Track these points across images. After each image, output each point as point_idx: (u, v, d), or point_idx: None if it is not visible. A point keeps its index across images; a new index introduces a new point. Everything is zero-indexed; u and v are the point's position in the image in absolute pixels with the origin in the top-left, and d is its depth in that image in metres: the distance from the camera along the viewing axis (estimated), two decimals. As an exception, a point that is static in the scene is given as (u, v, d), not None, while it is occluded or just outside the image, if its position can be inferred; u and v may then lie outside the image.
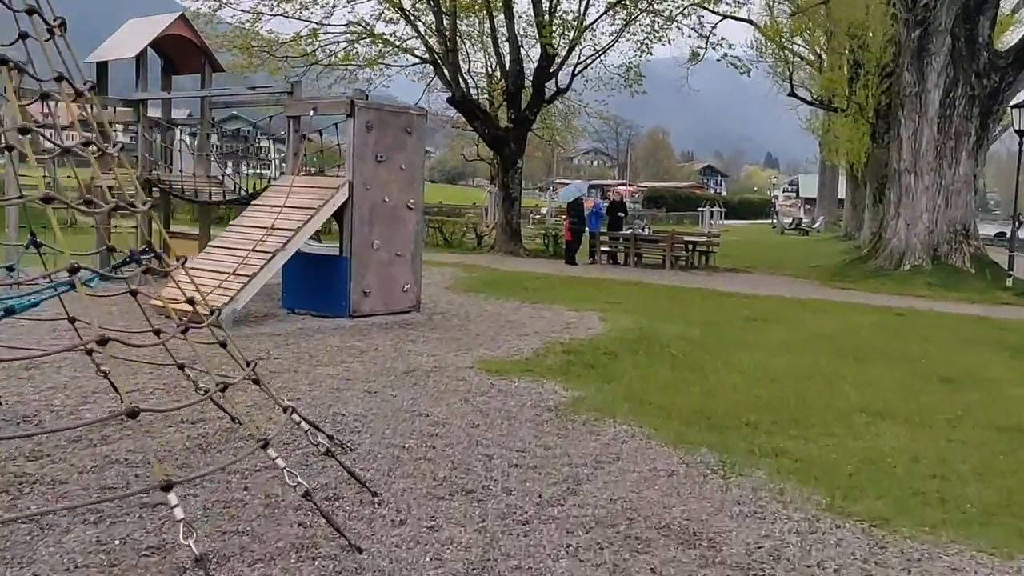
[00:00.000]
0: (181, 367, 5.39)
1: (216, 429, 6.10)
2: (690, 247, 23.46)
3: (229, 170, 17.21)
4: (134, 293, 5.12)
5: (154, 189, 13.60)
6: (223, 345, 5.14)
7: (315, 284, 11.63)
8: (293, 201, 11.09)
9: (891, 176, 23.04)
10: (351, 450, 5.70)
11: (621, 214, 24.37)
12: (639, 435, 6.48)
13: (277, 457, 4.32)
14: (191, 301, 5.11)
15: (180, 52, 14.67)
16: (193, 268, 10.61)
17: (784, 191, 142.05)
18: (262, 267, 10.31)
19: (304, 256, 11.83)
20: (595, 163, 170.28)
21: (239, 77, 23.73)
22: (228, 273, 10.36)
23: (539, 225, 34.64)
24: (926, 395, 8.62)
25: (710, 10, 29.18)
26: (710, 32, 29.46)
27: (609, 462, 5.79)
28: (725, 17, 30.41)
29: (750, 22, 32.62)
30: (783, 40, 36.22)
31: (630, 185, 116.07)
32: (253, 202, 11.91)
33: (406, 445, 5.88)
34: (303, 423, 4.82)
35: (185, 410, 6.15)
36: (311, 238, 13.97)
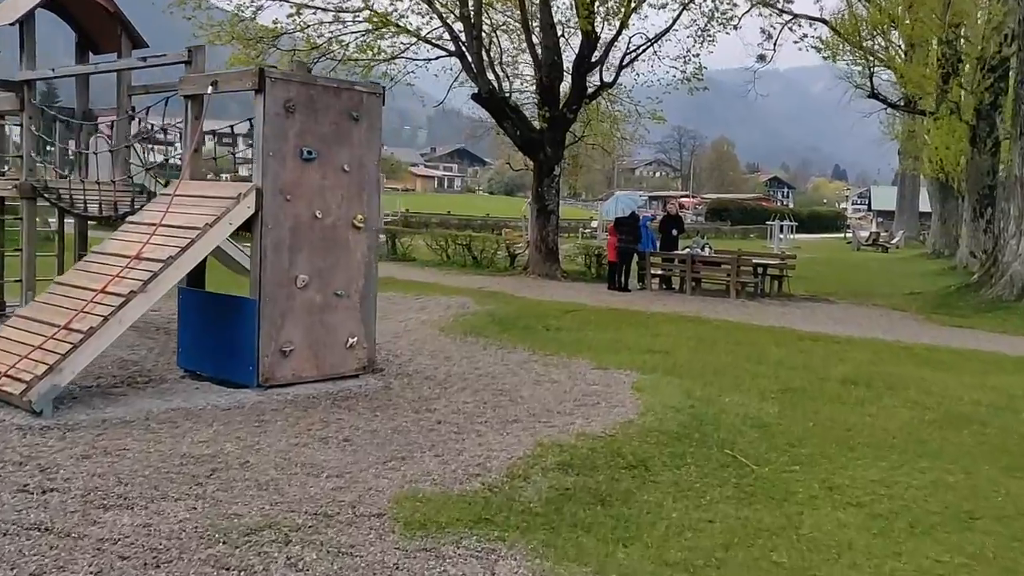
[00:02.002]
0: None
1: None
2: (759, 271, 19.45)
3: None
4: None
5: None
6: None
7: (216, 337, 8.05)
8: (173, 218, 7.52)
9: (1009, 186, 18.88)
10: None
11: (675, 231, 20.42)
12: None
13: None
14: None
15: (97, 23, 11.29)
16: (21, 316, 7.15)
17: (853, 204, 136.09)
18: (107, 319, 6.74)
19: (202, 296, 8.30)
20: (658, 174, 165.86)
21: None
22: (59, 327, 6.82)
23: (585, 241, 30.81)
24: None
25: (779, 9, 25.46)
26: (782, 27, 25.79)
27: None
28: (795, 16, 26.61)
29: (824, 21, 28.58)
30: (862, 37, 32.16)
31: (692, 196, 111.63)
32: (128, 219, 8.39)
33: None
34: None
35: None
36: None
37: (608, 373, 9.53)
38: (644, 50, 21.93)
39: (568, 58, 21.81)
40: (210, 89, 7.85)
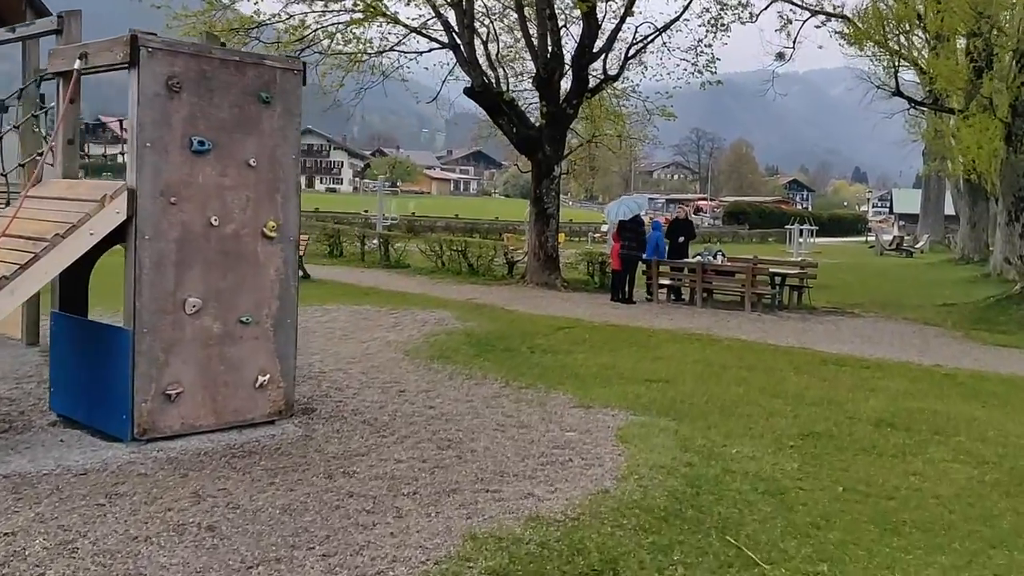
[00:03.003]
0: None
1: None
2: (777, 281, 17.69)
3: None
4: None
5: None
6: None
7: (89, 375, 6.42)
8: (22, 226, 5.89)
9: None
10: None
11: (683, 238, 18.65)
12: None
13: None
14: None
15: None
16: None
17: (874, 207, 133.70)
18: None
19: (73, 322, 6.67)
20: (676, 177, 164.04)
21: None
22: None
23: (590, 246, 29.10)
24: None
25: (798, 4, 23.76)
26: (802, 24, 24.12)
27: None
28: (815, 13, 24.89)
29: (845, 18, 26.79)
30: (887, 33, 30.39)
31: (710, 200, 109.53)
32: (-21, 226, 6.76)
33: None
34: None
35: None
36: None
37: (591, 414, 7.83)
38: (652, 40, 20.20)
39: (570, 50, 20.13)
40: (78, 63, 6.22)
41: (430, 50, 21.62)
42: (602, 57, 19.48)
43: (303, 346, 10.79)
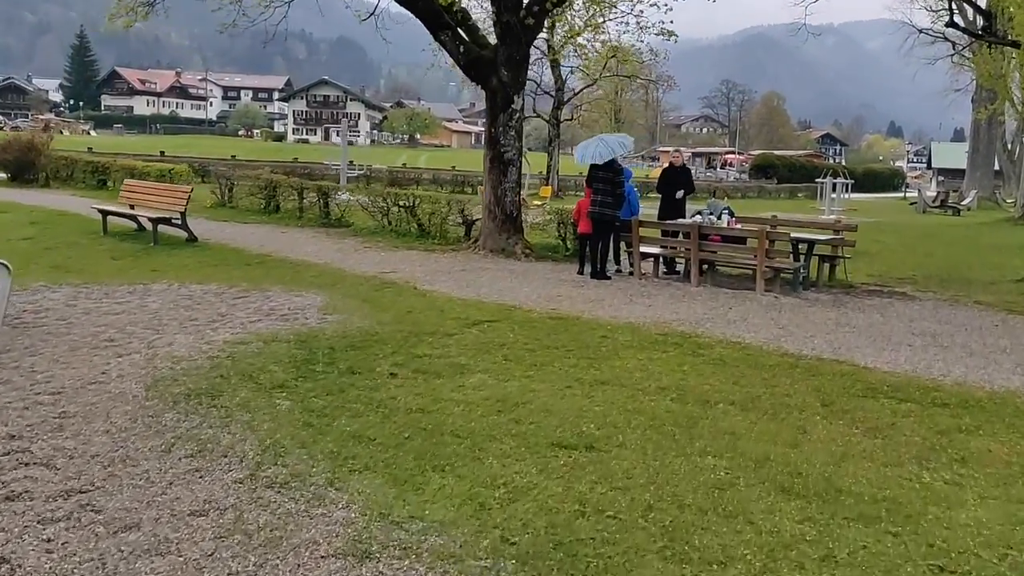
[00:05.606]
0: None
1: None
2: (802, 249, 13.06)
3: None
4: None
5: None
6: None
7: None
8: None
9: None
10: None
11: (681, 192, 14.04)
12: None
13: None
14: None
15: None
16: None
17: (909, 163, 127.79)
18: None
19: None
20: (704, 130, 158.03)
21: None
22: None
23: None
24: None
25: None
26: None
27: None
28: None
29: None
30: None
31: (739, 153, 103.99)
32: None
33: None
34: None
35: None
36: None
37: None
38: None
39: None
40: None
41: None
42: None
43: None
